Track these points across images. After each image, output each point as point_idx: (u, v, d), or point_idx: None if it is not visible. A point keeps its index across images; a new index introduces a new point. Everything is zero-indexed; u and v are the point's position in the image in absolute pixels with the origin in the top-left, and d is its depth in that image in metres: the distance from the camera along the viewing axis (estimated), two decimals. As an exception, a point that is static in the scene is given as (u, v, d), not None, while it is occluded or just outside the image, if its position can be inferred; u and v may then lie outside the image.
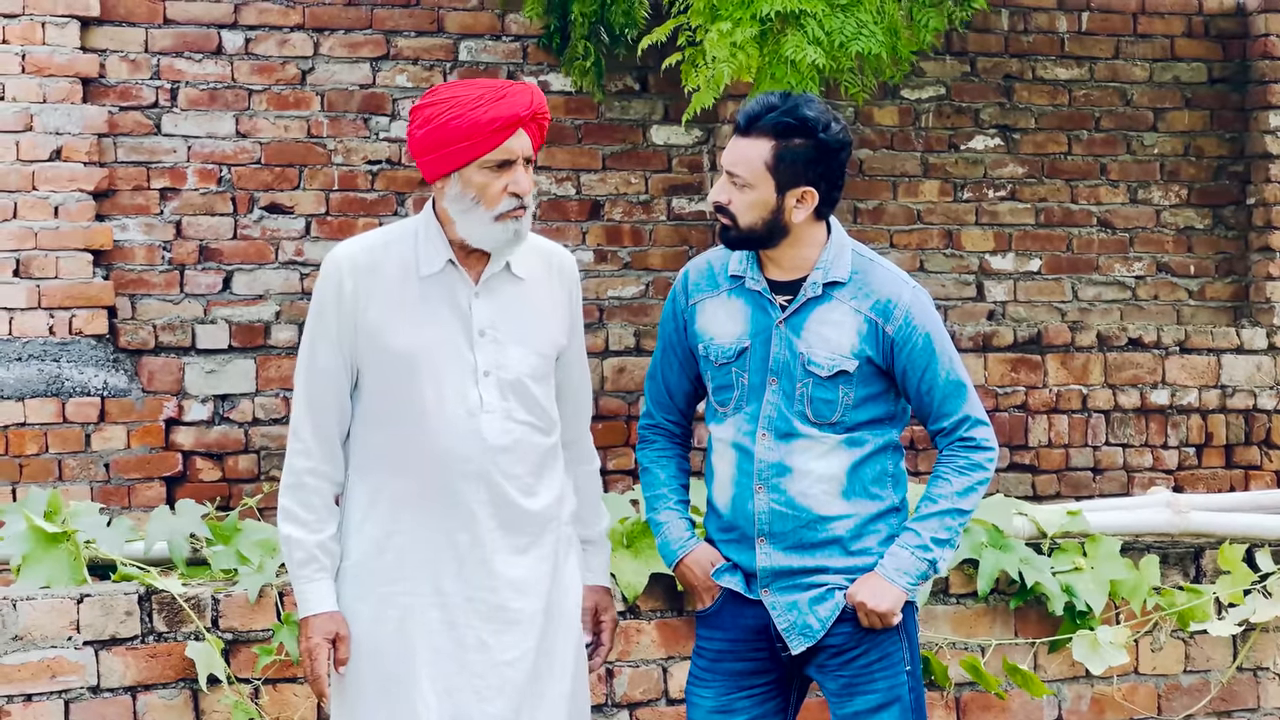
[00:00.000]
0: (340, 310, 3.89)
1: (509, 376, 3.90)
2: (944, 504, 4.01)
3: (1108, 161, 8.94)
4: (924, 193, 8.71)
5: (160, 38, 7.87)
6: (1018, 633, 5.00)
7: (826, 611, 3.99)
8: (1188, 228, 9.05)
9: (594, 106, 8.33)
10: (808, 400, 3.98)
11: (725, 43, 6.47)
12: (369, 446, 3.92)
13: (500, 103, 3.83)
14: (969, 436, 4.04)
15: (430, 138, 3.85)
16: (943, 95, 8.74)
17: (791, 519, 3.99)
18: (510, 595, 3.89)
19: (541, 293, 4.02)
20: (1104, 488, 8.54)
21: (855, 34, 6.60)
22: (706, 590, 4.10)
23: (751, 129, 3.92)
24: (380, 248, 3.94)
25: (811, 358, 3.97)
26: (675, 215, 8.45)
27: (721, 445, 4.06)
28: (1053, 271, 8.87)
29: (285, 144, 8.02)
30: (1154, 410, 8.61)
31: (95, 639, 4.41)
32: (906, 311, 4.00)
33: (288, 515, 3.89)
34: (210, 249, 7.93)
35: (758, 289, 4.03)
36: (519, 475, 3.91)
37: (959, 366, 4.05)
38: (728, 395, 4.05)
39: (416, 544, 3.87)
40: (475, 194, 3.85)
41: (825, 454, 3.99)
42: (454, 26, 8.23)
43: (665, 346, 4.18)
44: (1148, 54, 8.99)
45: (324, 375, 3.90)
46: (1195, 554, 5.19)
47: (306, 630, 3.87)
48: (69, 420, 7.49)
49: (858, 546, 4.02)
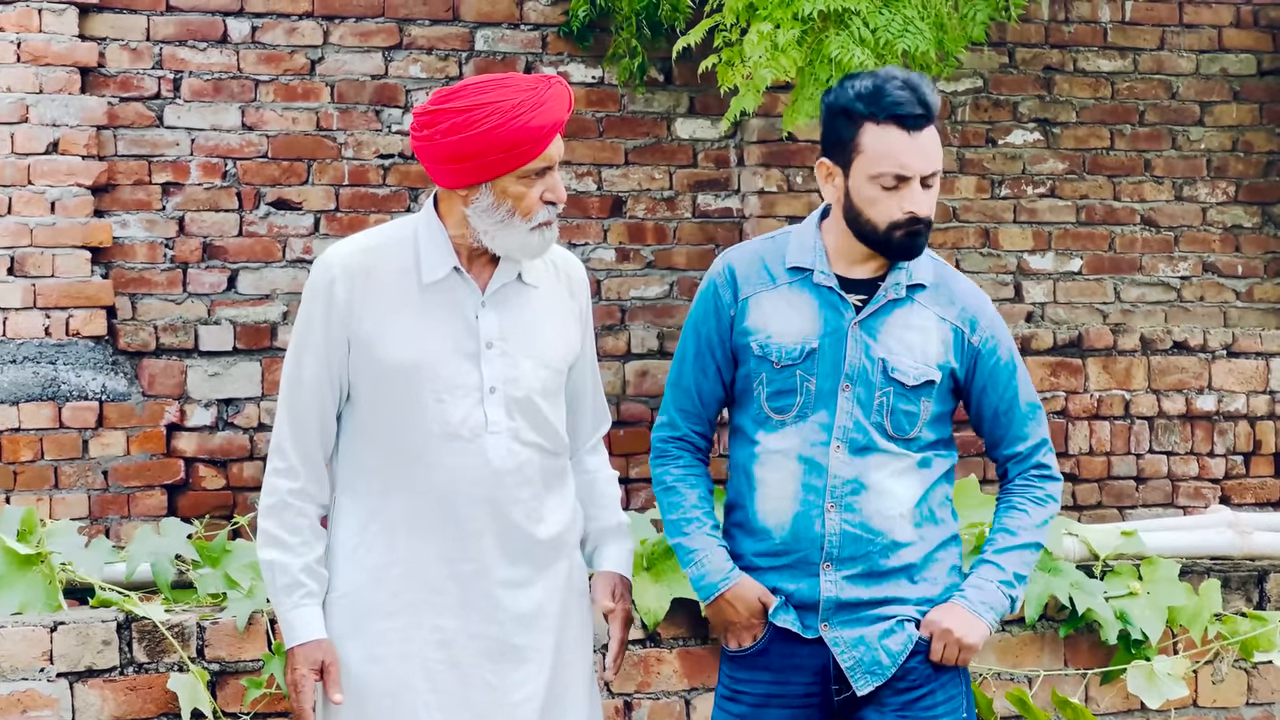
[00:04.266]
0: (331, 319, 3.65)
1: (518, 394, 3.67)
2: (1025, 536, 3.80)
3: (1152, 157, 8.77)
4: (960, 189, 8.53)
5: (162, 25, 7.71)
6: (1068, 662, 4.82)
7: (898, 645, 3.71)
8: (1235, 226, 8.88)
9: (616, 99, 8.16)
10: (887, 411, 3.72)
11: (765, 43, 6.33)
12: (362, 466, 3.68)
13: (543, 109, 3.58)
14: (1045, 464, 3.84)
15: (464, 147, 3.57)
16: (980, 88, 8.58)
17: (866, 542, 3.71)
18: (517, 630, 3.67)
19: (552, 301, 3.78)
20: (1147, 497, 8.38)
21: (901, 31, 6.46)
22: (748, 629, 3.77)
23: (933, 116, 3.65)
24: (376, 250, 3.69)
25: (895, 364, 3.71)
26: (701, 212, 8.26)
27: (779, 458, 3.74)
28: (1094, 271, 8.71)
29: (293, 137, 7.85)
30: (1200, 417, 8.43)
31: (70, 670, 4.20)
32: (992, 323, 3.80)
33: (269, 539, 3.67)
34: (214, 246, 7.76)
35: (829, 285, 3.74)
36: (526, 500, 3.68)
37: (1033, 388, 3.86)
38: (789, 401, 3.74)
39: (414, 575, 3.63)
40: (512, 204, 3.61)
41: (901, 473, 3.73)
42: (470, 15, 8.06)
43: (700, 349, 3.84)
44: (1194, 45, 8.83)
45: (311, 390, 3.67)
46: (1259, 577, 4.99)
47: (292, 661, 3.65)
48: (66, 425, 7.32)
49: (924, 576, 3.75)
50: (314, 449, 3.68)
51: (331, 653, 3.64)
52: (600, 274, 8.09)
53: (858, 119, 3.65)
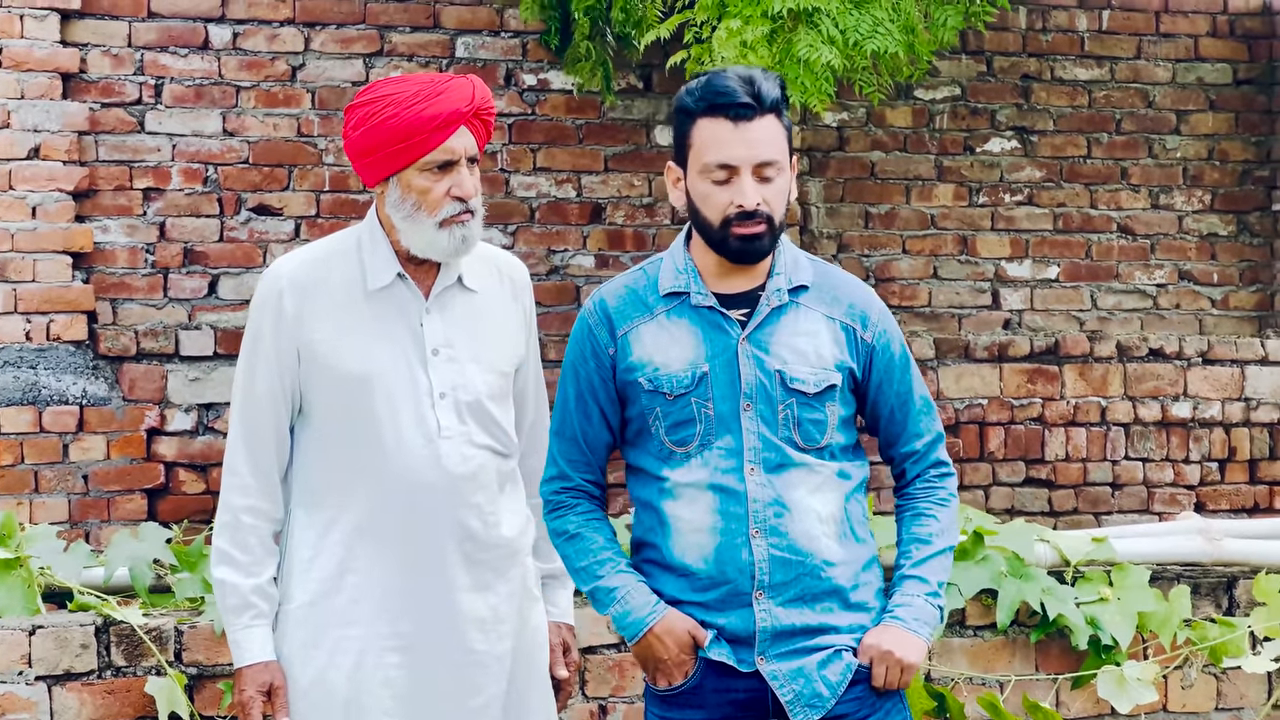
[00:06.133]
0: (280, 332, 3.65)
1: (467, 398, 3.68)
2: (939, 543, 3.65)
3: (1128, 165, 8.80)
4: (938, 197, 8.55)
5: (144, 32, 7.67)
6: (1039, 667, 4.82)
7: (836, 675, 3.55)
8: (1211, 234, 8.90)
9: (596, 106, 8.14)
10: (794, 423, 3.55)
11: (734, 41, 6.32)
12: (317, 477, 3.68)
13: (439, 98, 3.58)
14: (942, 460, 3.71)
15: (366, 139, 3.61)
16: (958, 96, 8.59)
17: (795, 565, 3.53)
18: (475, 635, 3.67)
19: (496, 305, 3.78)
20: (1123, 504, 8.38)
21: (871, 32, 6.44)
22: (678, 665, 3.55)
23: (767, 106, 3.50)
24: (322, 261, 3.70)
25: (793, 374, 3.55)
26: (679, 219, 8.23)
27: (691, 490, 3.54)
28: (1071, 279, 8.73)
29: (274, 143, 7.82)
30: (1175, 424, 8.44)
31: (48, 674, 4.20)
32: (882, 317, 3.66)
33: (222, 557, 3.67)
34: (195, 252, 7.73)
35: (708, 304, 3.57)
36: (480, 504, 3.68)
37: (924, 382, 3.76)
38: (689, 432, 3.55)
39: (373, 582, 3.64)
40: (416, 199, 3.62)
41: (820, 488, 3.57)
42: (451, 22, 8.04)
43: (581, 392, 3.63)
44: (1170, 54, 8.85)
45: (263, 405, 3.66)
46: (1229, 584, 4.99)
47: (240, 682, 3.66)
48: (46, 430, 7.29)
49: (856, 599, 3.60)
50: (269, 463, 3.67)
51: (280, 675, 3.65)
52: (579, 280, 8.09)
53: (690, 115, 3.53)
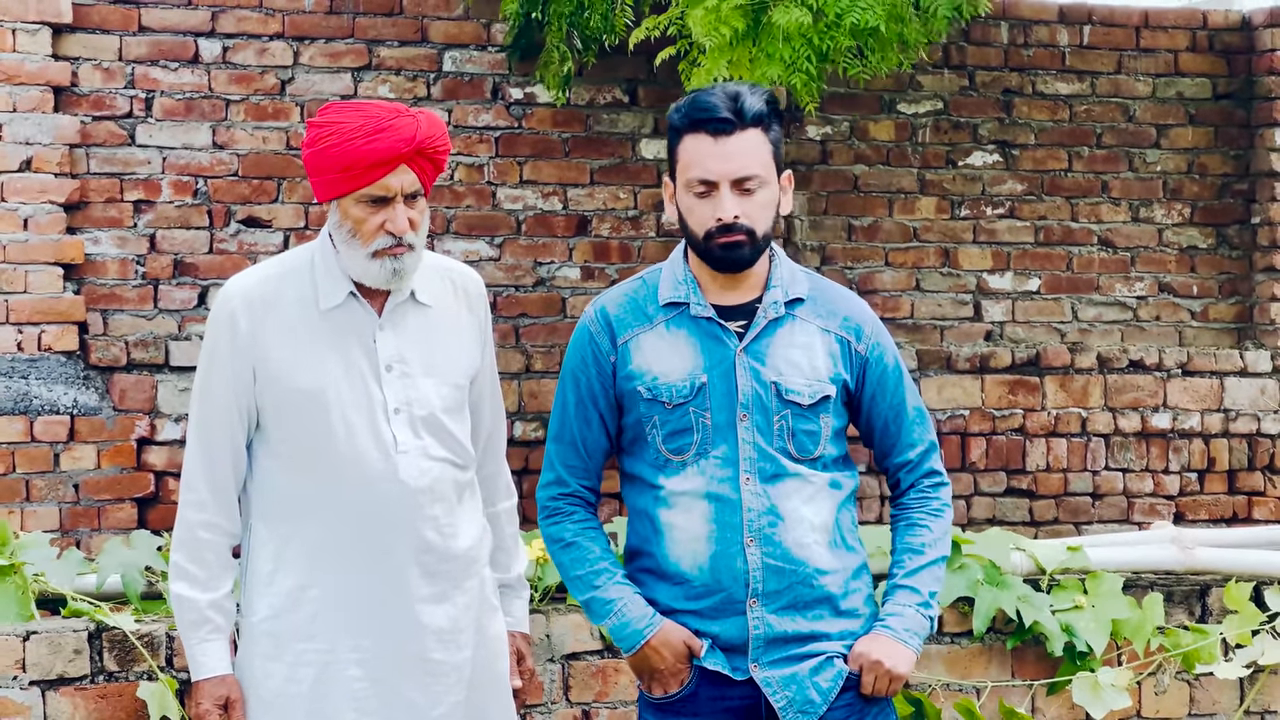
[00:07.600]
0: (235, 350, 3.67)
1: (421, 413, 3.70)
2: (931, 553, 3.73)
3: (1109, 179, 8.84)
4: (920, 210, 8.59)
5: (135, 45, 7.71)
6: (1015, 674, 4.85)
7: (827, 682, 3.64)
8: (1191, 247, 8.94)
9: (582, 119, 8.18)
10: (789, 434, 3.64)
11: (710, 17, 6.32)
12: (275, 493, 3.71)
13: (379, 136, 3.58)
14: (936, 470, 3.78)
15: (313, 160, 3.64)
16: (940, 110, 8.64)
17: (788, 574, 3.62)
18: (435, 646, 3.70)
19: (450, 318, 3.79)
20: (1103, 514, 8.42)
21: (851, 5, 6.43)
22: (674, 675, 3.65)
23: (748, 121, 3.58)
24: (275, 279, 3.71)
25: (788, 386, 3.64)
26: (665, 231, 8.29)
27: (686, 499, 3.63)
28: (1052, 291, 8.77)
29: (263, 155, 7.86)
30: (1155, 434, 8.49)
31: (42, 678, 4.23)
32: (875, 329, 3.74)
33: (179, 572, 3.71)
34: (185, 263, 7.76)
35: (706, 315, 3.66)
36: (438, 516, 3.70)
37: (917, 392, 3.84)
38: (686, 440, 3.64)
39: (332, 596, 3.67)
40: (352, 226, 3.64)
41: (813, 497, 3.65)
42: (438, 36, 8.08)
43: (581, 398, 3.72)
44: (1150, 69, 8.90)
45: (219, 422, 3.69)
46: (1201, 592, 5.03)
47: (197, 696, 3.70)
48: (37, 439, 7.32)
49: (846, 606, 3.69)
50: (225, 479, 3.69)
51: (236, 688, 3.69)
52: (565, 292, 8.12)
53: (678, 131, 3.63)
